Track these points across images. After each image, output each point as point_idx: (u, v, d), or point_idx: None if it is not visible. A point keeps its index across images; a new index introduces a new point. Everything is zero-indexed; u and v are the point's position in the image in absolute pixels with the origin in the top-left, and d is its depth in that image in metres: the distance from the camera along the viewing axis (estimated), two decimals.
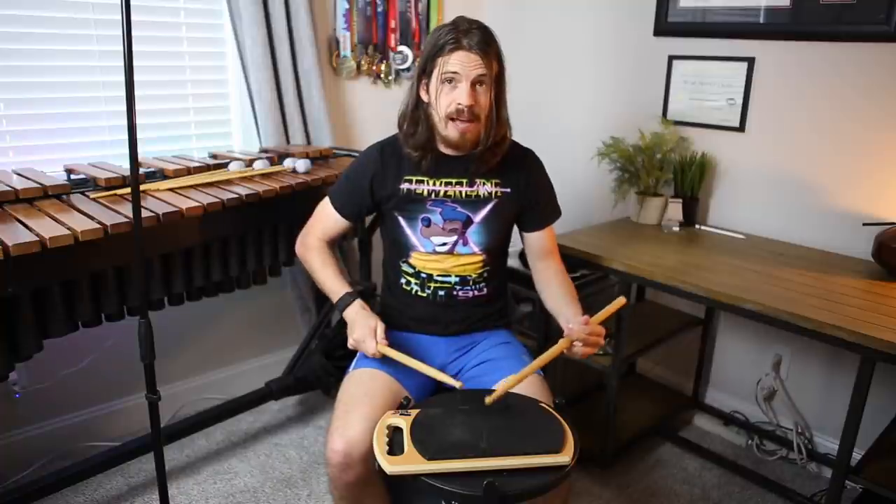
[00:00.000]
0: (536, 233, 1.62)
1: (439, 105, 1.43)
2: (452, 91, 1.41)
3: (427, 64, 1.44)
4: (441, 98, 1.42)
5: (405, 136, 1.52)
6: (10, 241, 1.32)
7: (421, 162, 1.51)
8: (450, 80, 1.41)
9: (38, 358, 1.49)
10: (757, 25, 2.17)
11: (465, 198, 1.54)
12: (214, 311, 2.37)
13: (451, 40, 1.39)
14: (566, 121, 2.80)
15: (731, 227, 2.32)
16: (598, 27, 2.64)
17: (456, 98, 1.41)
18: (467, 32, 1.40)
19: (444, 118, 1.44)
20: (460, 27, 1.41)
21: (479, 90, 1.42)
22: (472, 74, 1.40)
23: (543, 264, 1.63)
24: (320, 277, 1.57)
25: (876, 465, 1.67)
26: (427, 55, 1.44)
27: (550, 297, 1.58)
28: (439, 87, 1.42)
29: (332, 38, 2.53)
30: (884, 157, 1.98)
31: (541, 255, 1.64)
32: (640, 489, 2.13)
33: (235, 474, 2.13)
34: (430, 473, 1.11)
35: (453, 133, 1.45)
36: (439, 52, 1.40)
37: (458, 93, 1.41)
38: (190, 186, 1.82)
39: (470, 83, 1.40)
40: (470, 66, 1.39)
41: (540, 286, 1.63)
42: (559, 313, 1.51)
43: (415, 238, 1.55)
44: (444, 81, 1.41)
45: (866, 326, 1.51)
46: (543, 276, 1.62)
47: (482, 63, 1.40)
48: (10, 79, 1.92)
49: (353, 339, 1.44)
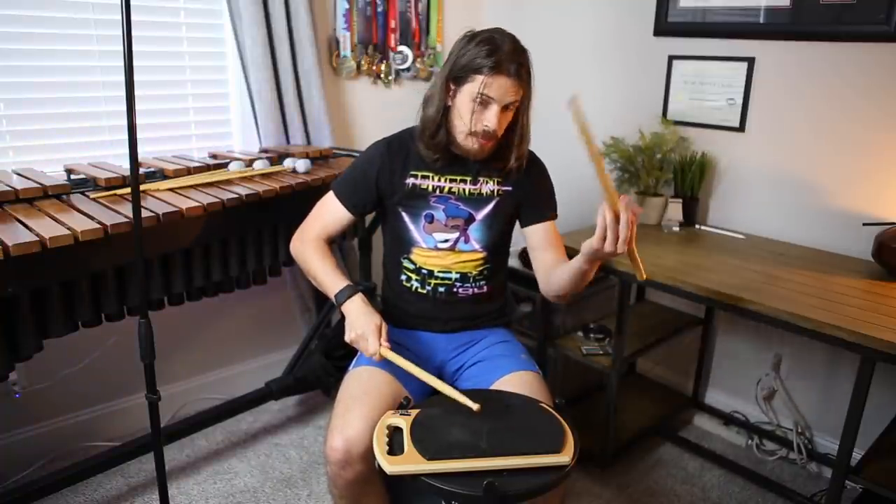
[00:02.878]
0: (537, 226, 1.60)
1: (464, 119, 1.44)
2: (483, 111, 1.42)
3: (460, 74, 1.42)
4: (468, 115, 1.43)
5: (428, 138, 1.50)
6: (10, 241, 1.32)
7: (435, 161, 1.52)
8: (483, 102, 1.41)
9: (38, 358, 1.49)
10: (757, 25, 2.17)
11: (469, 195, 1.55)
12: (214, 311, 2.37)
13: (492, 63, 1.38)
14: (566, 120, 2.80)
15: (731, 227, 2.33)
16: (598, 27, 2.64)
17: (485, 120, 1.42)
18: (510, 57, 1.39)
19: (467, 133, 1.45)
20: (502, 48, 1.39)
21: (505, 114, 1.45)
22: (506, 100, 1.41)
23: (549, 255, 1.56)
24: (319, 272, 1.51)
25: (876, 465, 1.67)
26: (463, 66, 1.41)
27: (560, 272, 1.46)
28: (471, 104, 1.42)
29: (332, 38, 2.53)
30: (884, 158, 1.98)
31: (543, 245, 1.58)
32: (640, 489, 2.13)
33: (235, 474, 2.13)
34: (430, 473, 1.11)
35: (473, 146, 1.47)
36: (478, 71, 1.39)
37: (488, 115, 1.42)
38: (190, 186, 1.82)
39: (501, 107, 1.42)
40: (506, 93, 1.40)
41: (543, 275, 1.54)
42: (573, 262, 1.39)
43: (417, 234, 1.55)
44: (476, 100, 1.41)
45: (866, 326, 1.51)
46: (551, 267, 1.51)
47: (517, 91, 1.42)
48: (10, 79, 1.91)
49: (355, 334, 1.39)
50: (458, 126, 1.46)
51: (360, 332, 1.38)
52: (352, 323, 1.41)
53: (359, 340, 1.39)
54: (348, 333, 1.40)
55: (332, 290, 1.47)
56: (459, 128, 1.46)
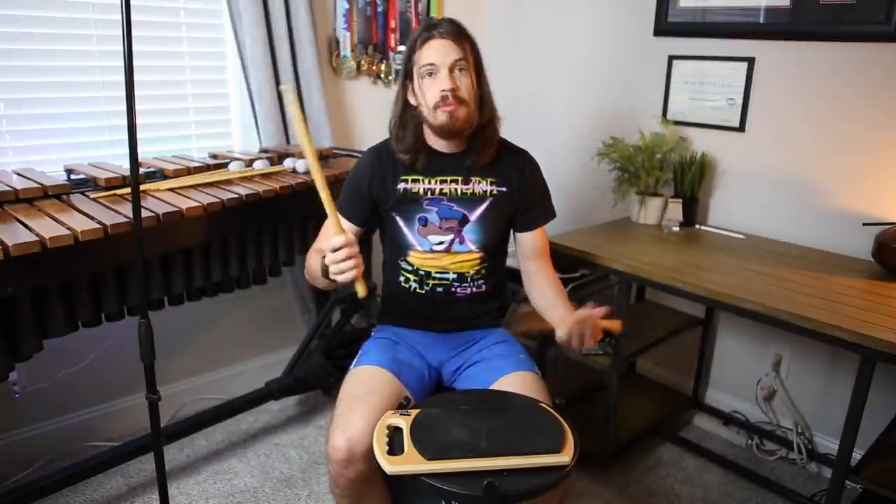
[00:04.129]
0: (528, 233, 1.63)
1: (426, 99, 1.47)
2: (434, 82, 1.45)
3: (406, 65, 1.50)
4: (426, 92, 1.46)
5: (396, 141, 1.55)
6: (10, 241, 1.32)
7: (415, 163, 1.54)
8: (430, 72, 1.45)
9: (38, 358, 1.49)
10: (757, 25, 2.17)
11: (461, 195, 1.55)
12: (214, 311, 2.37)
13: (422, 35, 1.46)
14: (566, 121, 2.80)
15: (731, 227, 2.32)
16: (597, 27, 2.64)
17: (439, 86, 1.44)
18: (436, 25, 1.46)
19: (432, 109, 1.46)
20: (429, 23, 1.48)
21: (460, 74, 1.46)
22: (449, 61, 1.44)
23: (535, 265, 1.65)
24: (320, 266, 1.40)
25: (876, 465, 1.67)
26: (405, 57, 1.50)
27: (541, 297, 1.61)
28: (421, 82, 1.46)
29: (332, 38, 2.53)
30: (883, 157, 1.98)
31: (532, 255, 1.65)
32: (640, 489, 2.13)
33: (235, 474, 2.13)
34: (430, 473, 1.11)
35: (443, 118, 1.46)
36: (413, 49, 1.47)
37: (439, 81, 1.44)
38: (190, 186, 1.82)
39: (448, 70, 1.44)
40: (445, 54, 1.44)
41: (529, 286, 1.65)
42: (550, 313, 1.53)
43: (412, 237, 1.56)
44: (424, 76, 1.46)
45: (866, 326, 1.51)
46: (535, 278, 1.64)
47: (456, 48, 1.45)
48: (10, 79, 1.92)
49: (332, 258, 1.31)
50: (423, 112, 1.49)
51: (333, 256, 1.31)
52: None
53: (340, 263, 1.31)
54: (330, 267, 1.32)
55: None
56: (425, 111, 1.48)
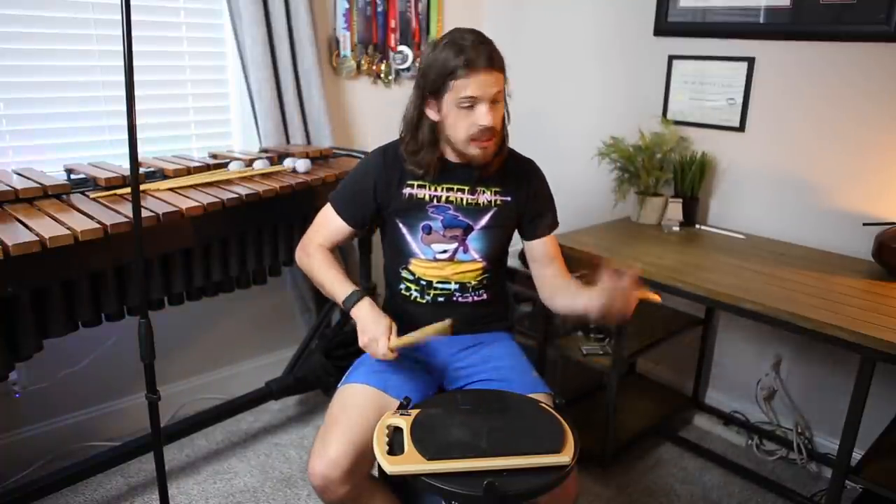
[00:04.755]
0: (538, 240, 1.60)
1: (457, 128, 1.40)
2: (471, 114, 1.38)
3: (436, 85, 1.38)
4: (459, 122, 1.39)
5: (408, 154, 1.49)
6: (10, 241, 1.32)
7: (425, 175, 1.50)
8: (469, 105, 1.37)
9: (38, 358, 1.49)
10: (757, 25, 2.17)
11: (467, 205, 1.53)
12: (214, 311, 2.37)
13: (462, 63, 1.33)
14: (566, 121, 2.81)
15: (731, 227, 2.33)
16: (598, 27, 2.64)
17: (476, 120, 1.37)
18: (475, 50, 1.34)
19: (466, 142, 1.41)
20: (465, 45, 1.35)
21: (496, 107, 1.40)
22: (490, 94, 1.36)
23: (551, 271, 1.60)
24: (325, 280, 1.51)
25: (876, 465, 1.67)
26: (436, 76, 1.37)
27: (564, 297, 1.54)
28: (457, 111, 1.39)
29: (332, 38, 2.53)
30: (884, 157, 1.98)
31: (547, 261, 1.61)
32: (640, 489, 2.13)
33: (235, 474, 2.13)
34: (430, 473, 1.11)
35: (476, 152, 1.43)
36: (451, 76, 1.35)
37: (478, 115, 1.37)
38: (190, 186, 1.82)
39: (488, 103, 1.37)
40: (487, 87, 1.36)
41: (551, 293, 1.60)
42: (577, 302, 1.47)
43: (415, 245, 1.54)
44: (461, 107, 1.37)
45: (866, 326, 1.51)
46: (555, 283, 1.59)
47: (497, 80, 1.37)
48: (10, 79, 1.91)
49: (367, 338, 1.38)
50: (453, 137, 1.43)
51: (371, 335, 1.38)
52: (363, 328, 1.40)
53: (370, 344, 1.38)
54: (361, 338, 1.40)
55: (340, 296, 1.46)
56: (456, 138, 1.42)
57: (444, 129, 1.44)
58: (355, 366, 1.54)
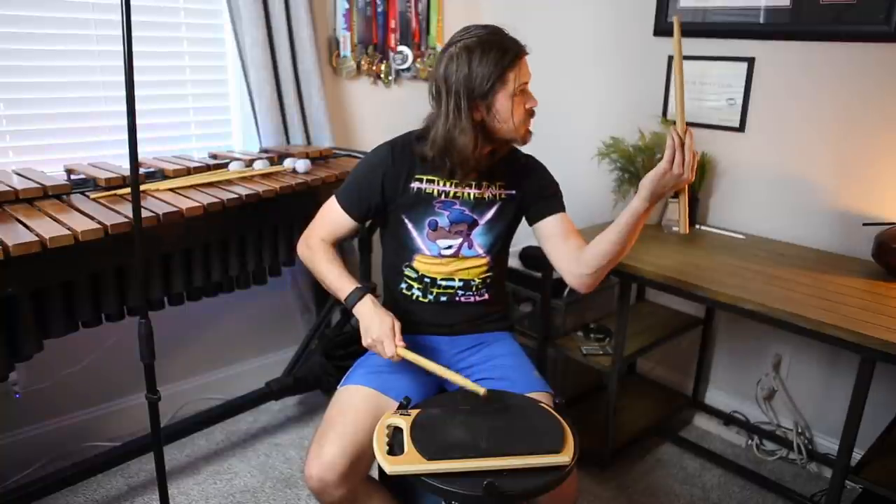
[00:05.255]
0: (551, 217, 1.55)
1: (516, 115, 1.42)
2: (522, 98, 1.44)
3: (487, 86, 1.38)
4: (516, 109, 1.42)
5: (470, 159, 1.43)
6: (10, 241, 1.32)
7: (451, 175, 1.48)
8: (523, 90, 1.44)
9: (38, 358, 1.49)
10: (757, 25, 2.17)
11: (474, 200, 1.53)
12: (214, 311, 2.37)
13: (512, 57, 1.40)
14: (566, 121, 2.81)
15: (732, 227, 2.33)
16: (598, 27, 2.64)
17: (529, 103, 1.45)
18: (512, 40, 1.43)
19: (521, 124, 1.45)
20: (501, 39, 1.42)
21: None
22: (530, 75, 1.46)
23: (573, 243, 1.51)
24: (326, 276, 1.50)
25: (876, 465, 1.67)
26: (484, 78, 1.38)
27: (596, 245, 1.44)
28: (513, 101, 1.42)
29: (332, 38, 2.53)
30: (884, 158, 1.98)
31: (563, 235, 1.53)
32: (640, 489, 2.13)
33: (235, 474, 2.13)
34: (430, 473, 1.11)
35: (530, 132, 1.50)
36: (509, 67, 1.40)
37: (528, 97, 1.46)
38: (190, 186, 1.82)
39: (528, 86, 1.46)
40: (528, 69, 1.45)
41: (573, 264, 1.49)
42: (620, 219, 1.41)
43: (421, 241, 1.53)
44: (518, 94, 1.42)
45: (866, 326, 1.51)
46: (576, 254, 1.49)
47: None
48: (10, 79, 1.92)
49: (371, 339, 1.38)
50: (507, 126, 1.43)
51: (376, 335, 1.38)
52: (366, 328, 1.40)
53: (375, 345, 1.38)
54: (364, 339, 1.40)
55: (341, 293, 1.46)
56: (512, 126, 1.43)
57: (495, 123, 1.43)
58: (355, 367, 1.53)
